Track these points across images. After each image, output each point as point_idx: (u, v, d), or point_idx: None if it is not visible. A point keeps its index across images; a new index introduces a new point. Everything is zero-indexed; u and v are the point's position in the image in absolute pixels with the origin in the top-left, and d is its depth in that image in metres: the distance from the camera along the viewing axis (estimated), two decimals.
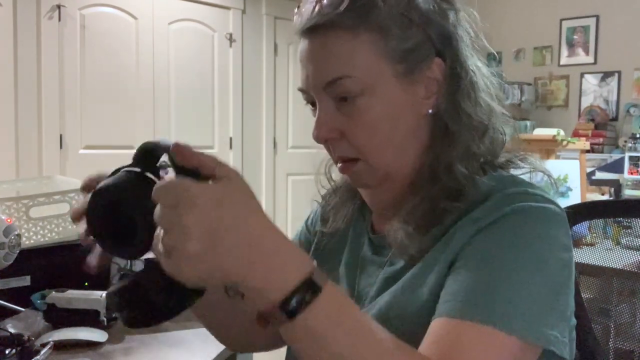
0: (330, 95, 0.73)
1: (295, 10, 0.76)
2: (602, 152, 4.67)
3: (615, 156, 4.38)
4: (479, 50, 0.78)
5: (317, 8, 0.71)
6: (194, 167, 0.51)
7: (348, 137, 0.73)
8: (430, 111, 0.74)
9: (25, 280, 1.40)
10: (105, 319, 1.24)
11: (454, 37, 0.74)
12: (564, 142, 3.20)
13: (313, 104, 0.76)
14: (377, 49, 0.71)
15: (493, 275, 0.63)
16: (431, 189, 0.73)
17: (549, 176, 0.78)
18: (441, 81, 0.74)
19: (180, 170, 0.52)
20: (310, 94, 0.75)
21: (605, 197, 3.48)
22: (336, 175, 0.89)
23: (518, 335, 0.61)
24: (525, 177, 0.76)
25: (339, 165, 0.77)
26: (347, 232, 0.87)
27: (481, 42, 0.78)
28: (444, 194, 0.71)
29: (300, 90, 0.77)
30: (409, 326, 0.68)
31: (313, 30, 0.72)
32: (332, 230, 0.88)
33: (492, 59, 0.80)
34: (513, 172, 0.77)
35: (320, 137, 0.74)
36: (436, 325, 0.63)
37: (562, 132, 3.26)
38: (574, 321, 0.70)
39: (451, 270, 0.67)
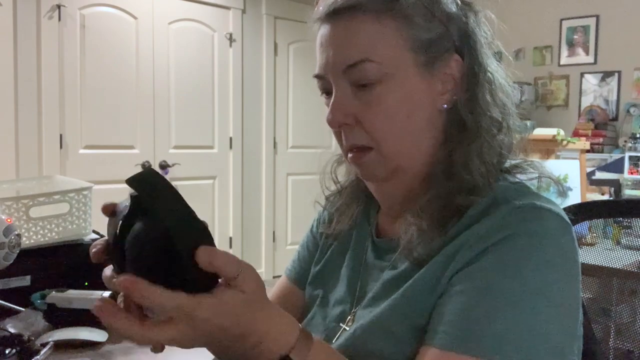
0: (349, 80, 0.72)
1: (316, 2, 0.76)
2: (602, 152, 4.68)
3: (615, 156, 4.39)
4: (495, 50, 0.78)
5: None
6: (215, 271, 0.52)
7: (363, 123, 0.73)
8: (445, 106, 0.74)
9: (25, 280, 1.40)
10: None
11: (473, 36, 0.75)
12: (564, 142, 3.20)
13: (328, 93, 0.75)
14: (400, 36, 0.71)
15: (493, 305, 0.62)
16: (445, 184, 0.72)
17: (556, 182, 0.77)
18: (457, 78, 0.74)
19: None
20: (327, 80, 0.74)
21: (605, 197, 3.48)
22: (341, 176, 0.89)
23: None
24: (533, 183, 0.75)
25: (350, 155, 0.75)
26: (351, 235, 0.86)
27: (496, 43, 0.78)
28: (458, 190, 0.71)
29: (317, 76, 0.76)
30: (407, 334, 0.67)
31: (337, 14, 0.72)
32: (336, 232, 0.88)
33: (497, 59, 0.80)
34: (520, 177, 0.76)
35: (335, 121, 0.73)
36: (427, 355, 0.63)
37: (562, 132, 3.26)
38: (580, 317, 0.69)
39: (449, 291, 0.65)
